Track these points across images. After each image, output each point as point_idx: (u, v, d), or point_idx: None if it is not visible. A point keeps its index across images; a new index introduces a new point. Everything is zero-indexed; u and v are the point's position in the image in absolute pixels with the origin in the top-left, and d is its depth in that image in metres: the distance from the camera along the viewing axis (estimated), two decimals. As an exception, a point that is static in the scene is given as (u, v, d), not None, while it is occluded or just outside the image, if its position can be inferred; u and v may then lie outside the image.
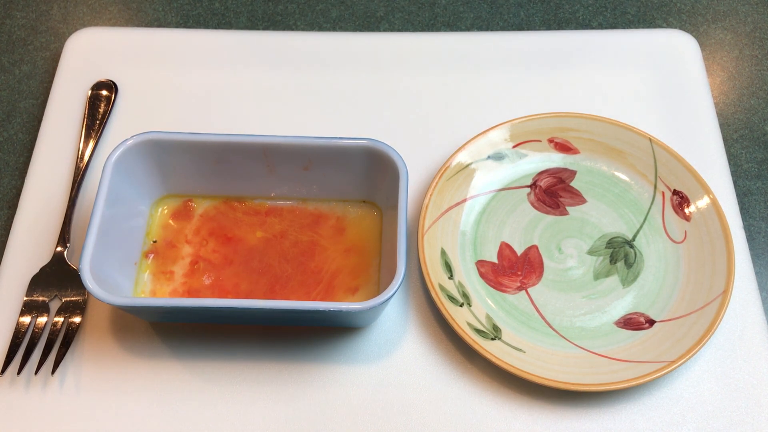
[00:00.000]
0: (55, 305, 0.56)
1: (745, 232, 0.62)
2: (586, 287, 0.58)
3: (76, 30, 0.71)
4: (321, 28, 0.73)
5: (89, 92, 0.66)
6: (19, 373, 0.54)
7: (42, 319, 0.55)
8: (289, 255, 0.58)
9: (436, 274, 0.56)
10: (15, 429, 0.53)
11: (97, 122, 0.65)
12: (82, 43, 0.70)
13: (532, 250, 0.60)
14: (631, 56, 0.70)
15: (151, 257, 0.57)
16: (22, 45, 0.73)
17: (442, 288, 0.56)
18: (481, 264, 0.59)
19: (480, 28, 0.73)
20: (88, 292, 0.55)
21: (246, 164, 0.57)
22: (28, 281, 0.57)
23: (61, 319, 0.55)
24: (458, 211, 0.60)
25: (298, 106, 0.66)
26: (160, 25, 0.73)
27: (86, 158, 0.62)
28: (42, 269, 0.57)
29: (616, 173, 0.63)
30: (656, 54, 0.70)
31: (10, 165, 0.66)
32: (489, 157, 0.62)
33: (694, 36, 0.72)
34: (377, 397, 0.54)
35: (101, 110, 0.65)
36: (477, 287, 0.57)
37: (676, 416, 0.53)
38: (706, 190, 0.60)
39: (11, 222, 0.61)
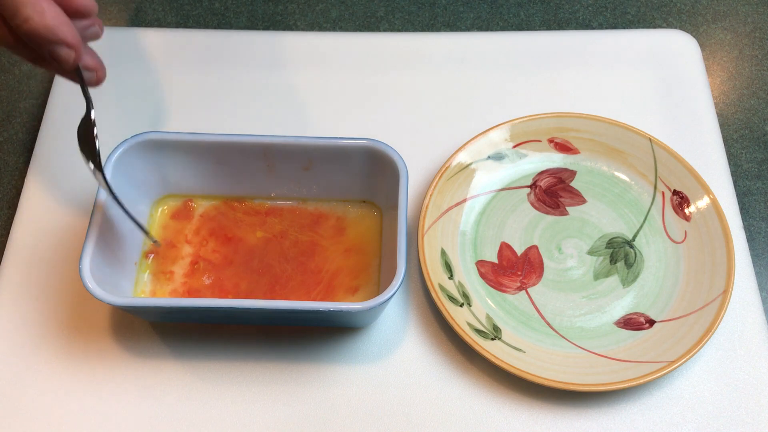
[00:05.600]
0: None
1: (745, 232, 0.62)
2: (586, 287, 0.58)
3: (76, 30, 0.71)
4: (321, 28, 0.73)
5: None
6: None
7: None
8: (289, 255, 0.58)
9: (436, 274, 0.56)
10: (15, 428, 0.53)
11: None
12: (82, 43, 0.70)
13: (532, 250, 0.60)
14: (631, 56, 0.70)
15: (151, 257, 0.57)
16: (22, 45, 0.72)
17: (442, 288, 0.56)
18: (481, 264, 0.59)
19: (480, 28, 0.73)
20: None
21: (246, 164, 0.57)
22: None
23: None
24: (458, 211, 0.60)
25: (298, 106, 0.66)
26: (160, 25, 0.73)
27: None
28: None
29: (616, 173, 0.63)
30: (656, 54, 0.70)
31: (10, 165, 0.66)
32: (489, 157, 0.62)
33: (694, 36, 0.72)
34: (377, 397, 0.54)
35: None
36: (477, 287, 0.57)
37: (676, 416, 0.53)
38: (706, 190, 0.60)
39: (11, 222, 0.61)
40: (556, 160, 0.63)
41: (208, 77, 0.68)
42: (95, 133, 0.51)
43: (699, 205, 0.59)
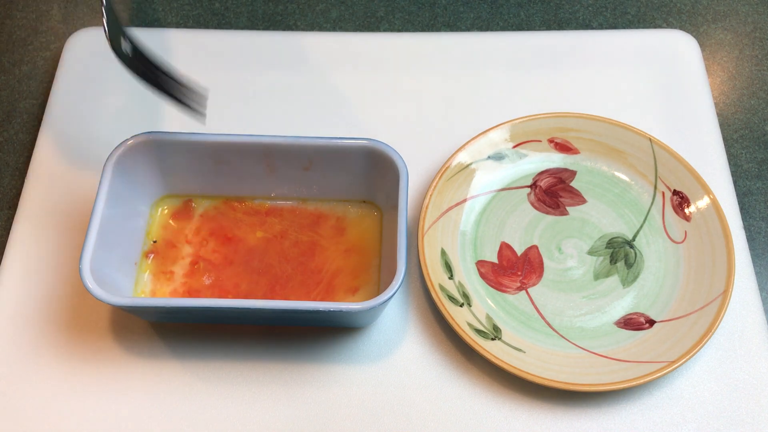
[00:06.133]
0: None
1: (745, 232, 0.62)
2: (586, 287, 0.58)
3: (76, 30, 0.71)
4: (321, 28, 0.73)
5: None
6: None
7: None
8: (289, 255, 0.58)
9: (436, 274, 0.56)
10: (15, 428, 0.53)
11: None
12: (82, 43, 0.70)
13: (532, 250, 0.60)
14: (631, 56, 0.70)
15: (151, 257, 0.57)
16: (22, 45, 0.73)
17: (442, 288, 0.56)
18: (481, 264, 0.59)
19: (480, 28, 0.73)
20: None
21: (246, 164, 0.57)
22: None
23: None
24: (458, 211, 0.60)
25: (298, 106, 0.66)
26: (160, 25, 0.73)
27: None
28: None
29: (616, 173, 0.63)
30: (656, 54, 0.70)
31: (10, 165, 0.66)
32: (489, 157, 0.62)
33: (694, 36, 0.72)
34: (377, 397, 0.54)
35: None
36: (477, 287, 0.57)
37: (676, 416, 0.53)
38: (706, 190, 0.60)
39: (11, 222, 0.61)
40: (556, 160, 0.63)
41: (207, 77, 0.68)
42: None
43: (699, 205, 0.59)
